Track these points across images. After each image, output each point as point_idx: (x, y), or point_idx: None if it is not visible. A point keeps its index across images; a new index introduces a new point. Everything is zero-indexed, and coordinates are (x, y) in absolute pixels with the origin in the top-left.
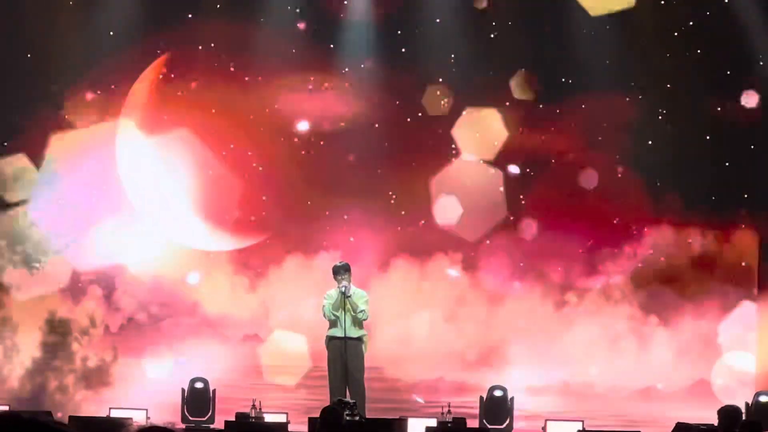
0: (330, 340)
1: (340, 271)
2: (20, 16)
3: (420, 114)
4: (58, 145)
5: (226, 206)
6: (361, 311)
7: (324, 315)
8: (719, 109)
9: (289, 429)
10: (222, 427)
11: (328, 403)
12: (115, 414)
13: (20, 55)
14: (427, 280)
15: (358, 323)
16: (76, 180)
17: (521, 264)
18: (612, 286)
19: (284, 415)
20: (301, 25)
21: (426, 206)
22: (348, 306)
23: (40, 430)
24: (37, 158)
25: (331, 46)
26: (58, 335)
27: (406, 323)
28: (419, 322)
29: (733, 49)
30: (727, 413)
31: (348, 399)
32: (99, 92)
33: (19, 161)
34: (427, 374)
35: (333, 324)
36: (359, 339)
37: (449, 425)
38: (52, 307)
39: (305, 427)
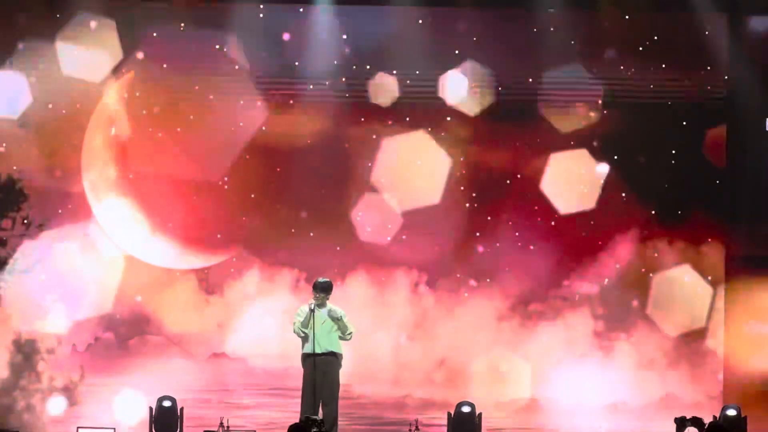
0: (304, 357)
1: (317, 288)
2: None
3: (386, 130)
4: (25, 164)
5: (191, 224)
6: (350, 333)
7: (294, 332)
8: (685, 123)
9: None
10: None
11: (297, 421)
12: None
13: None
14: (393, 296)
15: (330, 339)
16: (41, 198)
17: (488, 279)
18: (579, 301)
19: None
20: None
21: (393, 223)
22: (315, 322)
23: None
24: None
25: (296, 63)
26: (24, 355)
27: (373, 340)
28: (386, 339)
29: (698, 63)
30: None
31: (316, 416)
32: (63, 111)
33: None
34: (395, 391)
35: (304, 341)
36: (333, 355)
37: None
38: (18, 327)
39: None
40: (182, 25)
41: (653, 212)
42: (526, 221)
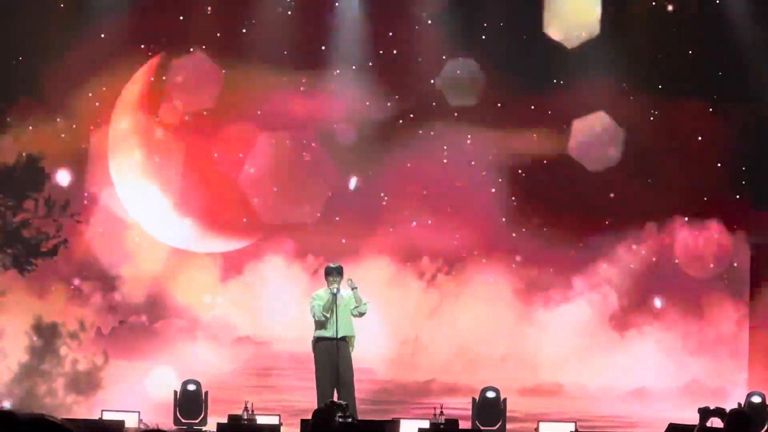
0: (318, 341)
1: (333, 272)
2: (11, 20)
3: (412, 115)
4: (48, 146)
5: (217, 208)
6: (365, 303)
7: (314, 316)
8: (711, 110)
9: (282, 431)
10: (214, 429)
11: (316, 406)
12: (107, 417)
13: (10, 58)
14: (416, 281)
15: (348, 324)
16: (67, 181)
17: (513, 265)
18: (604, 287)
19: (277, 417)
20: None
21: (418, 208)
22: (337, 306)
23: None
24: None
25: (323, 47)
26: (46, 339)
27: (399, 325)
28: (410, 324)
29: (723, 51)
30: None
31: (340, 401)
32: (90, 94)
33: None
34: (420, 376)
35: (322, 325)
36: (348, 339)
37: (441, 427)
38: (41, 311)
39: (297, 429)
40: (209, 7)
41: (679, 198)
42: (552, 207)
